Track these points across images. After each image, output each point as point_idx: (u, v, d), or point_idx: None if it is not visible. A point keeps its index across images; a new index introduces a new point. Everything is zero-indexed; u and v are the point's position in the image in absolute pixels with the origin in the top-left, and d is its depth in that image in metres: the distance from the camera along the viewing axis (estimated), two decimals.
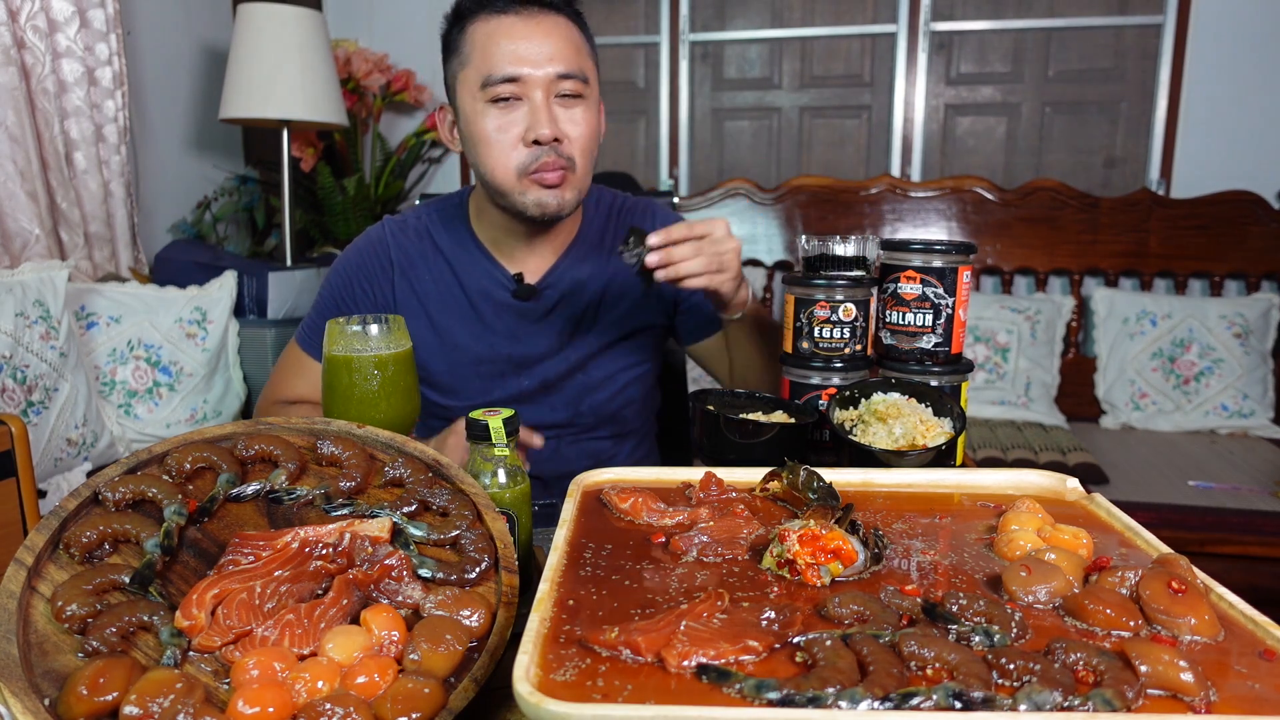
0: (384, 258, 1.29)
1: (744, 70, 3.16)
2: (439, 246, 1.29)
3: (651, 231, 1.05)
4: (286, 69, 2.48)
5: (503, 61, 1.11)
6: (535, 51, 1.11)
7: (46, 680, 0.55)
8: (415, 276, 1.29)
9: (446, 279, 1.28)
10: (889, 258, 1.05)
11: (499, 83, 1.11)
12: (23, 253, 2.08)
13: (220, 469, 0.73)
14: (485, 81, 1.12)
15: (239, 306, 2.38)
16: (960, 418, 0.95)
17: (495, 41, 1.11)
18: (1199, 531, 2.00)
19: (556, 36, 1.12)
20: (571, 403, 1.31)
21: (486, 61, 1.11)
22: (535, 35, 1.11)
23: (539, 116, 1.11)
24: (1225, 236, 2.77)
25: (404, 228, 1.31)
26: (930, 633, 0.51)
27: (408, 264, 1.29)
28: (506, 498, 0.79)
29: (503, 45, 1.11)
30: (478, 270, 1.27)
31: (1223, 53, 2.76)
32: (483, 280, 1.27)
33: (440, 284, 1.28)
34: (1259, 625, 0.54)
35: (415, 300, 1.28)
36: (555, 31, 1.12)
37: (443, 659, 0.58)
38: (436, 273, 1.28)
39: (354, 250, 1.32)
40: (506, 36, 1.11)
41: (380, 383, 0.88)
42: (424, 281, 1.28)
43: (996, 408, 2.73)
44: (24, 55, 2.06)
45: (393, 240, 1.30)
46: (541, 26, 1.12)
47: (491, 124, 1.13)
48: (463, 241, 1.29)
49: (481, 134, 1.14)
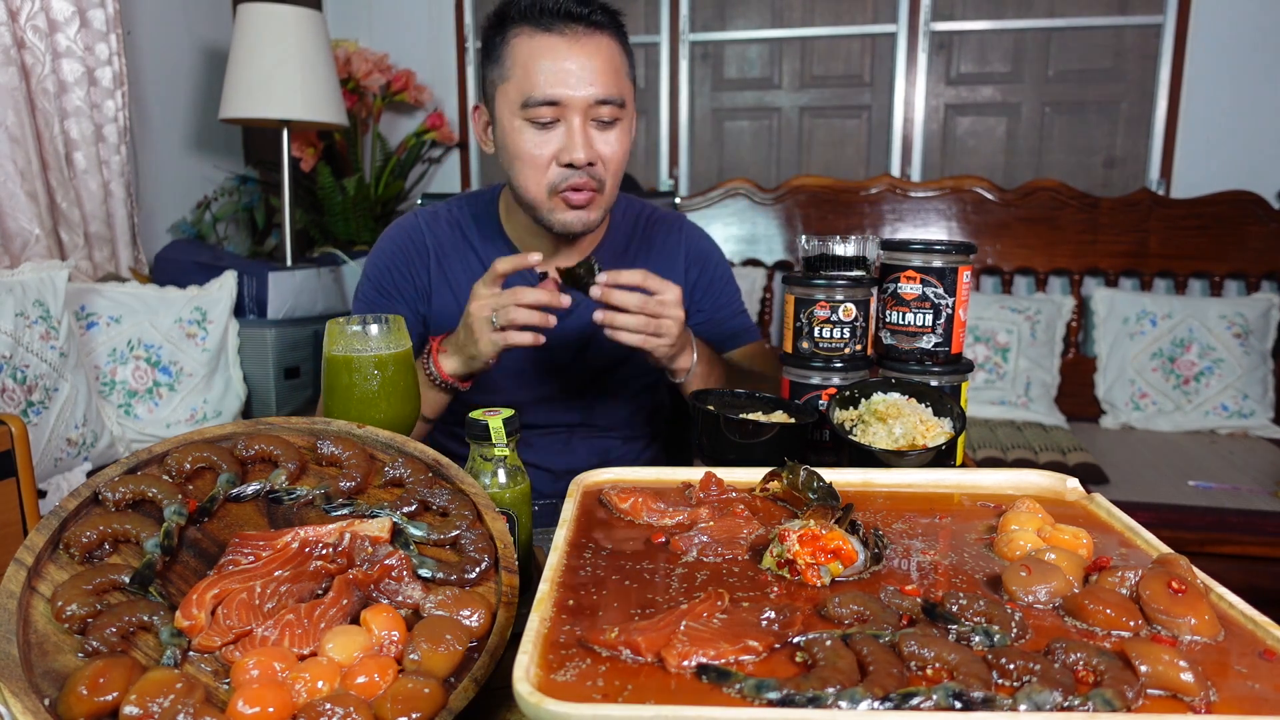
0: (420, 244, 1.30)
1: (744, 70, 3.16)
2: (470, 241, 1.30)
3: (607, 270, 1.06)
4: (286, 69, 2.48)
5: (544, 84, 1.11)
6: (577, 75, 1.11)
7: (46, 680, 0.55)
8: (449, 266, 1.30)
9: (478, 272, 1.29)
10: (889, 258, 1.05)
11: (539, 105, 1.11)
12: (23, 253, 2.08)
13: (220, 469, 0.73)
14: (526, 102, 1.12)
15: (239, 306, 2.38)
16: (960, 418, 0.95)
17: (537, 61, 1.11)
18: (1199, 531, 2.00)
19: (599, 59, 1.12)
20: (587, 406, 1.33)
21: (528, 81, 1.11)
22: (578, 58, 1.11)
23: (574, 140, 1.12)
24: (1225, 236, 2.77)
25: (437, 218, 1.32)
26: (930, 633, 0.52)
27: (442, 253, 1.30)
28: (506, 498, 0.79)
29: (545, 67, 1.11)
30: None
31: (1223, 53, 2.76)
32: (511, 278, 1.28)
33: (471, 277, 1.29)
34: (1259, 625, 0.54)
35: (449, 290, 1.29)
36: (599, 54, 1.12)
37: (443, 659, 0.58)
38: (468, 265, 1.30)
39: (389, 239, 1.32)
40: (549, 57, 1.11)
41: (380, 383, 0.88)
42: (457, 272, 1.30)
43: (996, 408, 2.73)
44: (24, 55, 2.06)
45: (427, 229, 1.31)
46: (585, 49, 1.11)
47: (528, 142, 1.14)
48: (493, 238, 1.30)
49: (517, 150, 1.15)
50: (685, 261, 1.38)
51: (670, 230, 1.38)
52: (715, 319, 1.40)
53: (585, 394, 1.33)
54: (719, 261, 1.43)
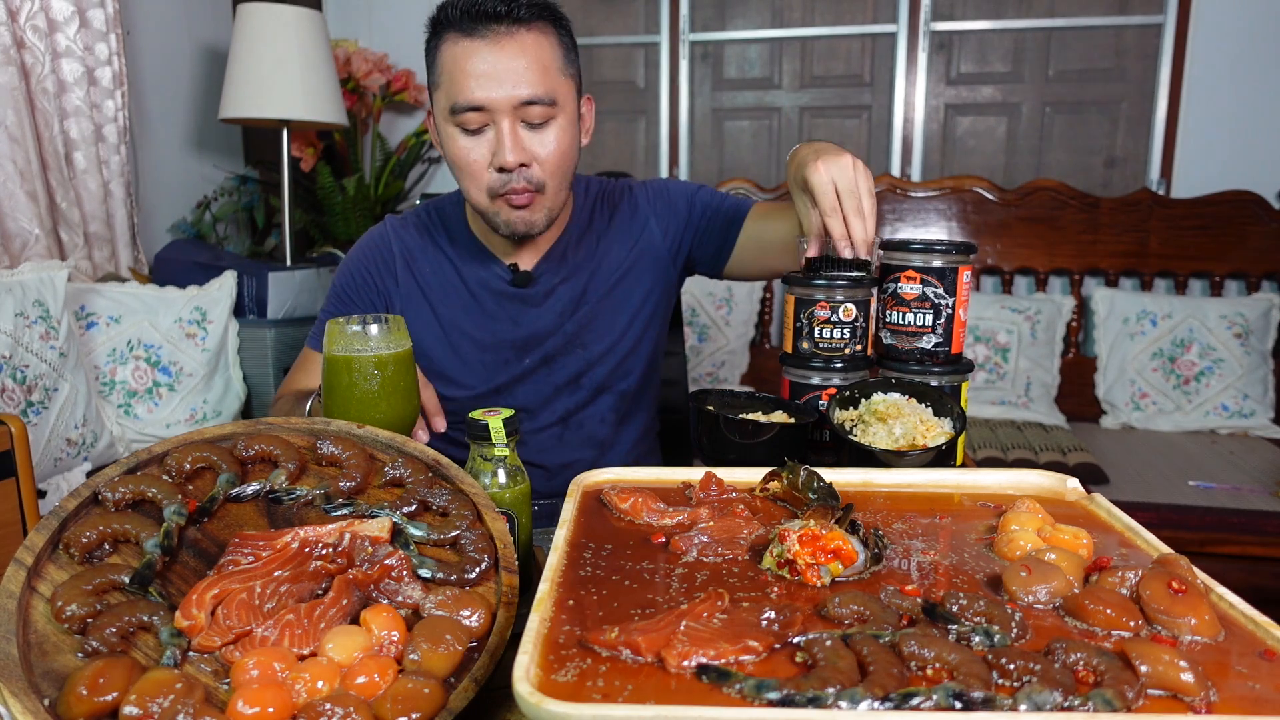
0: (386, 251, 1.33)
1: (744, 70, 3.16)
2: (438, 242, 1.33)
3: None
4: (286, 69, 2.48)
5: (467, 89, 1.10)
6: (499, 78, 1.09)
7: (46, 680, 0.55)
8: (417, 269, 1.32)
9: (447, 271, 1.31)
10: (889, 258, 1.05)
11: (464, 110, 1.11)
12: (23, 253, 2.08)
13: (220, 469, 0.73)
14: (453, 108, 1.12)
15: (239, 306, 2.38)
16: (960, 418, 0.95)
17: (460, 67, 1.10)
18: (1199, 531, 2.00)
19: (525, 59, 1.10)
20: (572, 377, 1.33)
21: (454, 88, 1.11)
22: (500, 59, 1.10)
23: (503, 144, 1.11)
24: (1225, 236, 2.77)
25: (405, 223, 1.36)
26: (930, 633, 0.51)
27: (409, 256, 1.32)
28: (506, 498, 0.79)
29: (468, 71, 1.10)
30: (475, 264, 1.31)
31: (1223, 53, 2.76)
32: (480, 273, 1.30)
33: (441, 276, 1.31)
34: (1259, 625, 0.54)
35: (418, 291, 1.32)
36: (523, 54, 1.10)
37: (443, 659, 0.58)
38: (437, 265, 1.32)
39: (357, 249, 1.37)
40: (470, 61, 1.10)
41: (380, 383, 0.88)
42: (425, 274, 1.32)
43: (996, 408, 2.73)
44: (24, 55, 2.06)
45: (394, 235, 1.34)
46: (507, 50, 1.10)
47: (461, 148, 1.14)
48: (460, 238, 1.32)
49: (452, 157, 1.16)
50: (647, 212, 1.37)
51: (623, 194, 1.38)
52: (716, 213, 1.35)
53: (572, 382, 1.33)
54: (674, 189, 1.40)
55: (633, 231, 1.35)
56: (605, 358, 1.33)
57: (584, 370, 1.33)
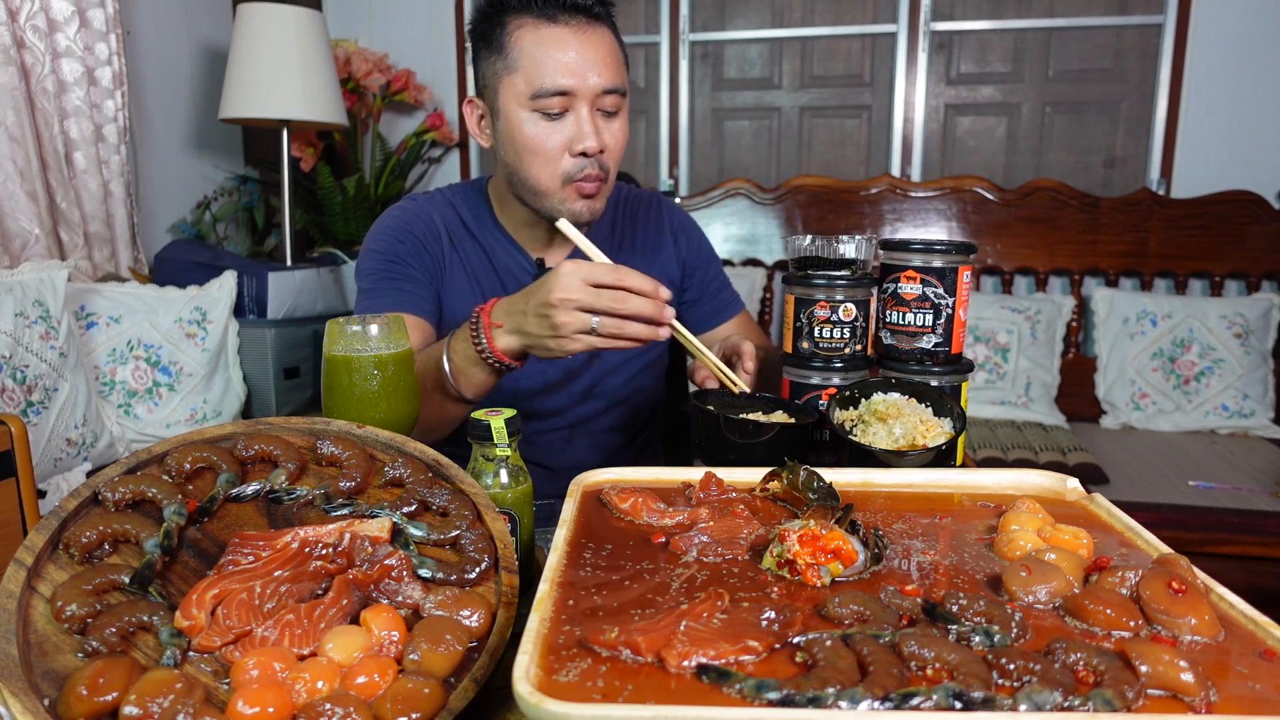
0: (430, 223, 1.28)
1: (744, 70, 3.16)
2: (468, 227, 1.31)
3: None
4: (286, 69, 2.48)
5: (555, 75, 1.11)
6: (585, 66, 1.12)
7: (46, 680, 0.55)
8: (462, 247, 1.30)
9: (482, 257, 1.30)
10: (889, 258, 1.05)
11: (549, 95, 1.12)
12: (22, 253, 2.08)
13: (220, 469, 0.73)
14: (536, 93, 1.12)
15: (239, 306, 2.38)
16: (960, 418, 0.95)
17: (546, 52, 1.12)
18: (1199, 531, 2.00)
19: (603, 50, 1.13)
20: (586, 388, 1.33)
21: (537, 73, 1.12)
22: (585, 48, 1.12)
23: (585, 130, 1.13)
24: (1225, 236, 2.77)
25: (436, 202, 1.31)
26: (930, 633, 0.51)
27: (452, 231, 1.29)
28: (508, 498, 0.79)
29: (554, 57, 1.11)
30: (503, 253, 1.30)
31: (1223, 53, 2.76)
32: (509, 262, 1.30)
33: (479, 256, 1.30)
34: (1259, 625, 0.54)
35: (462, 267, 1.29)
36: (602, 45, 1.13)
37: (443, 659, 0.58)
38: (473, 246, 1.31)
39: (393, 219, 1.28)
40: (558, 48, 1.11)
41: (380, 383, 0.88)
42: (469, 254, 1.30)
43: (996, 408, 2.73)
44: (24, 55, 2.06)
45: (432, 208, 1.29)
46: (590, 40, 1.13)
47: (539, 133, 1.14)
48: (488, 226, 1.31)
49: (526, 142, 1.15)
50: (672, 234, 1.40)
51: (651, 206, 1.40)
52: (709, 290, 1.42)
53: (587, 392, 1.33)
54: (701, 234, 1.46)
55: (655, 246, 1.37)
56: (619, 369, 1.34)
57: (598, 380, 1.33)
